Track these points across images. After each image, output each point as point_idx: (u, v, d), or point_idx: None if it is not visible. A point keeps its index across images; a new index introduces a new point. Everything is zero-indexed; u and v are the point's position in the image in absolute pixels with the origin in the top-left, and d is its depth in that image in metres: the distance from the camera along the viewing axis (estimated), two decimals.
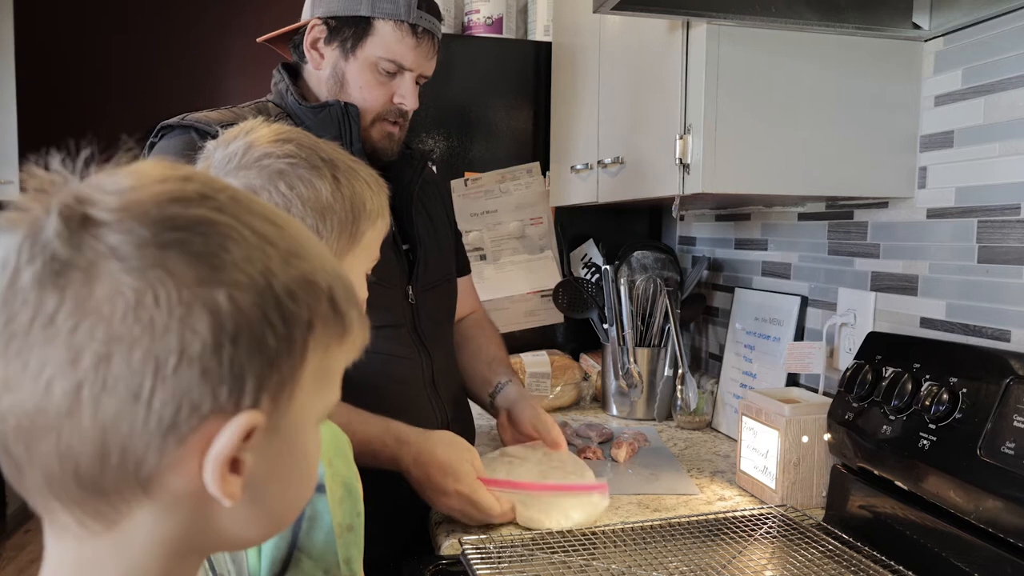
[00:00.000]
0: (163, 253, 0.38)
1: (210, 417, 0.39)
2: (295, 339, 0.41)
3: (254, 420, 0.40)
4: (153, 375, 0.37)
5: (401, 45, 1.19)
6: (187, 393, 0.38)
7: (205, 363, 0.38)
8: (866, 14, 1.15)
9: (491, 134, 1.99)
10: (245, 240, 0.40)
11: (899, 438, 1.02)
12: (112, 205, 0.38)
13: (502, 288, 1.96)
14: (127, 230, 0.38)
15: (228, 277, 0.39)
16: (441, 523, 1.14)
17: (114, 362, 0.37)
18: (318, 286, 0.43)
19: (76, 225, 0.38)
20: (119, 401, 0.37)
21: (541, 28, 2.03)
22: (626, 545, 1.05)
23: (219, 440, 0.39)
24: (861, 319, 1.32)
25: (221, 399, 0.39)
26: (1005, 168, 1.06)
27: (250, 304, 0.39)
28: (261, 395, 0.40)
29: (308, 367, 0.43)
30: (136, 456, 0.38)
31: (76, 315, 0.37)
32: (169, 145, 1.10)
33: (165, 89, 4.17)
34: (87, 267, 0.37)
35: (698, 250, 1.95)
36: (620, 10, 1.12)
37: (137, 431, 0.38)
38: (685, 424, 1.66)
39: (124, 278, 0.37)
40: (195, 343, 0.38)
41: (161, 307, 0.37)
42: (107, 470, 0.39)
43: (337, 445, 0.80)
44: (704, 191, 1.16)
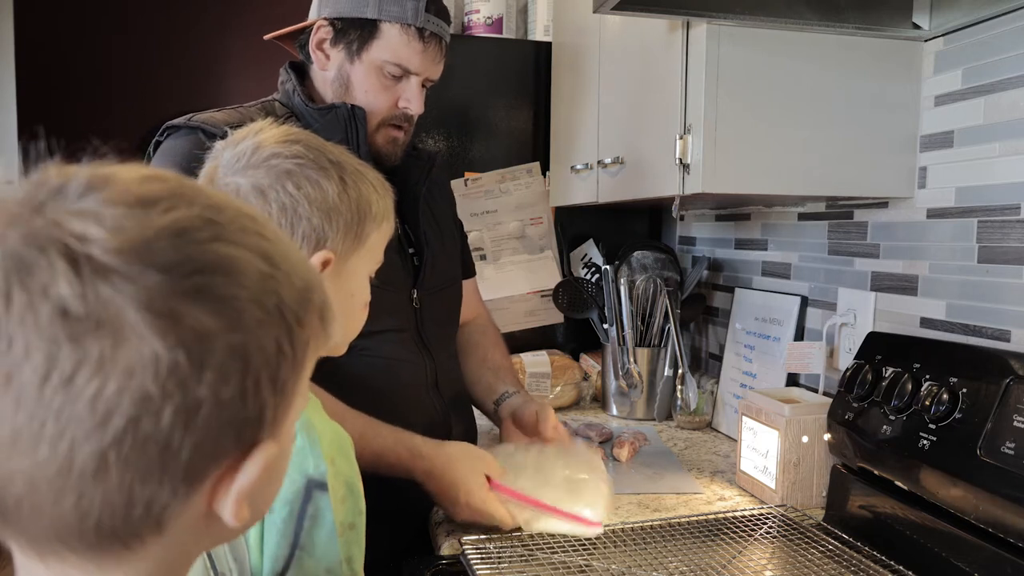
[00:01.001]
0: (184, 303, 0.36)
1: (232, 454, 0.39)
2: (299, 361, 0.41)
3: (271, 451, 0.40)
4: (183, 429, 0.36)
5: (407, 49, 1.18)
6: (215, 440, 0.38)
7: (234, 409, 0.38)
8: (866, 14, 1.15)
9: (491, 134, 1.99)
10: (257, 271, 0.39)
11: (899, 438, 1.02)
12: (113, 245, 0.35)
13: (502, 288, 1.96)
14: (137, 276, 0.35)
15: (250, 318, 0.38)
16: (441, 523, 1.14)
17: (144, 422, 0.35)
18: (313, 304, 0.43)
19: (87, 272, 0.34)
20: (149, 459, 0.36)
21: (541, 28, 2.03)
22: (626, 545, 1.05)
23: (241, 478, 0.39)
24: (861, 319, 1.32)
25: (245, 438, 0.39)
26: (1005, 168, 1.06)
27: (271, 341, 0.39)
28: (275, 424, 0.41)
29: (302, 380, 0.43)
30: (160, 504, 0.38)
31: (100, 376, 0.34)
32: (176, 146, 1.10)
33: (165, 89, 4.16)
34: (111, 321, 0.34)
35: (698, 250, 1.95)
36: (620, 10, 1.12)
37: (165, 483, 0.37)
38: (685, 424, 1.66)
39: (152, 335, 0.35)
40: (226, 392, 0.37)
41: (194, 362, 0.36)
42: (131, 520, 0.38)
43: (339, 444, 0.80)
44: (704, 191, 1.16)
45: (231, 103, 1.24)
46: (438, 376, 1.26)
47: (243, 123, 1.10)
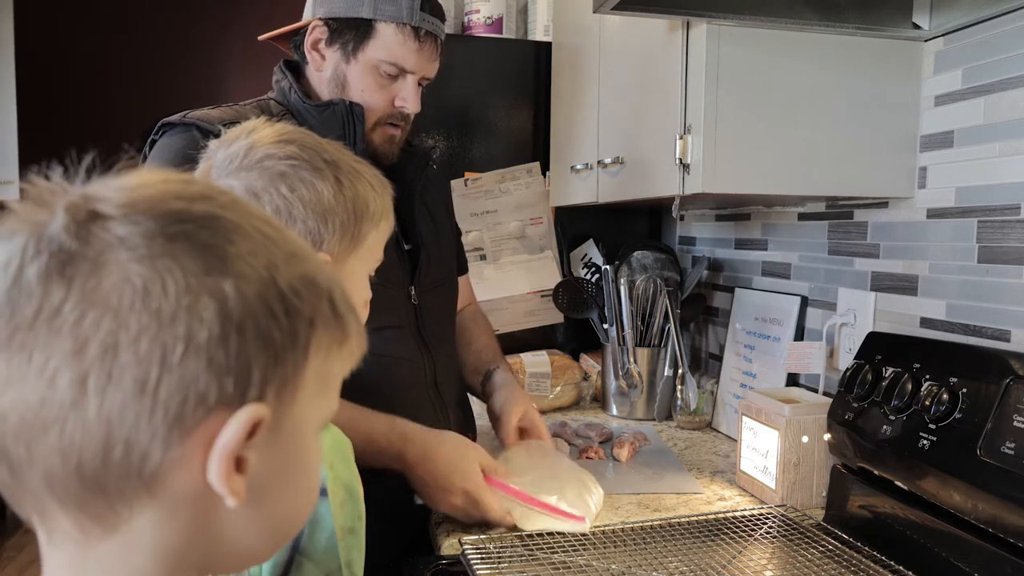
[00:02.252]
0: (171, 244, 0.38)
1: (215, 409, 0.39)
2: (299, 335, 0.41)
3: (259, 413, 0.40)
4: (160, 365, 0.37)
5: (403, 48, 1.19)
6: (193, 383, 0.38)
7: (211, 353, 0.38)
8: (866, 14, 1.15)
9: (491, 134, 1.99)
10: (249, 236, 0.41)
11: (899, 438, 1.02)
12: (118, 200, 0.39)
13: (502, 288, 1.96)
14: (134, 222, 0.38)
15: (234, 268, 0.39)
16: (441, 523, 1.14)
17: (121, 352, 0.37)
18: (320, 285, 0.43)
19: (84, 219, 0.38)
20: (125, 392, 0.37)
21: (541, 28, 2.03)
22: (626, 545, 1.05)
23: (225, 433, 0.39)
24: (861, 319, 1.32)
25: (227, 390, 0.39)
26: (1005, 168, 1.06)
27: (256, 295, 0.39)
28: (266, 389, 0.40)
29: (311, 367, 0.43)
30: (141, 450, 0.38)
31: (83, 305, 0.37)
32: (171, 143, 1.10)
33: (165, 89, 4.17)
34: (95, 257, 0.37)
35: (698, 250, 1.95)
36: (620, 10, 1.12)
37: (143, 423, 0.38)
38: (685, 424, 1.66)
39: (132, 266, 0.37)
40: (202, 332, 0.38)
41: (169, 296, 0.37)
42: (110, 466, 0.38)
43: (339, 448, 0.80)
44: (704, 191, 1.16)
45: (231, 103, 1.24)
46: (437, 375, 1.26)
47: (239, 121, 1.10)
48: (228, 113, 1.13)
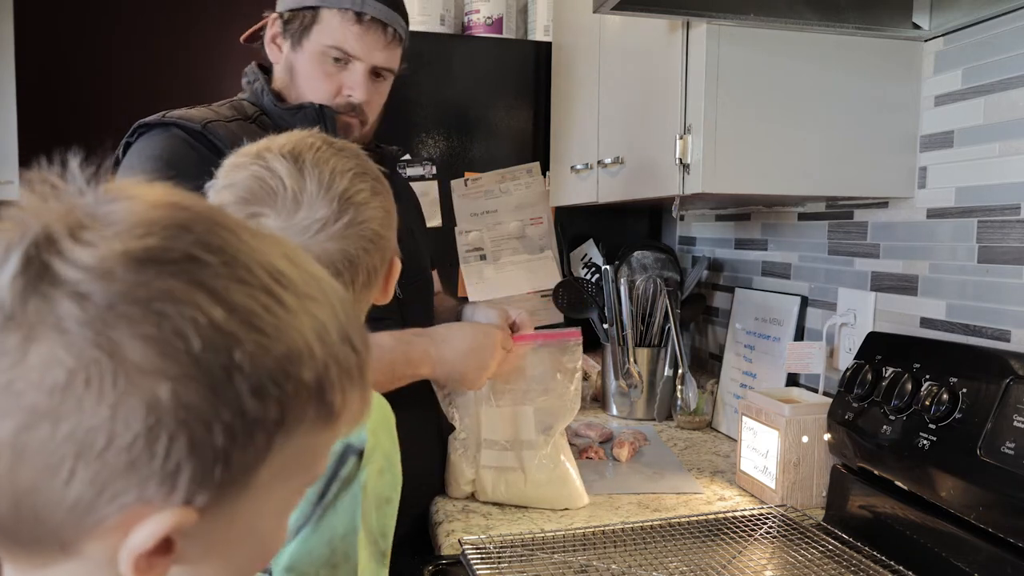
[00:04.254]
0: (109, 331, 0.34)
1: (133, 507, 0.35)
2: (254, 438, 0.37)
3: (183, 518, 0.36)
4: (74, 457, 0.34)
5: (345, 32, 1.17)
6: (110, 481, 0.35)
7: (134, 455, 0.34)
8: (866, 14, 1.15)
9: (491, 134, 1.99)
10: (212, 325, 0.36)
11: (899, 438, 1.02)
12: (80, 261, 0.35)
13: (502, 288, 1.96)
14: (84, 295, 0.34)
15: (177, 369, 0.35)
16: (441, 523, 1.14)
17: (36, 433, 0.34)
18: (299, 380, 0.38)
19: (33, 275, 0.34)
20: (36, 472, 0.34)
21: (541, 28, 2.03)
22: (626, 545, 1.05)
23: (137, 534, 0.36)
24: (861, 319, 1.32)
25: (148, 492, 0.35)
26: (1005, 168, 1.06)
27: (199, 401, 0.35)
28: (197, 492, 0.36)
29: (270, 464, 0.39)
30: (51, 525, 0.36)
31: (9, 374, 0.34)
32: (150, 144, 1.08)
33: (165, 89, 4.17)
34: (28, 328, 0.34)
35: (698, 250, 1.95)
36: (620, 10, 1.12)
37: (53, 505, 0.35)
38: (685, 424, 1.66)
39: (59, 352, 0.34)
40: (126, 434, 0.34)
41: (91, 391, 0.34)
42: (22, 528, 0.36)
43: (384, 418, 0.82)
44: (704, 191, 1.16)
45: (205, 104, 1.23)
46: None
47: (217, 120, 1.09)
48: (206, 113, 1.13)
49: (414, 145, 1.95)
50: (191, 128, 1.07)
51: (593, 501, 1.20)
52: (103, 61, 4.48)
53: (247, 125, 1.14)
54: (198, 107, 1.16)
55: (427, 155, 1.95)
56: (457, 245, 1.96)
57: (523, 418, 1.18)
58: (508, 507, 1.19)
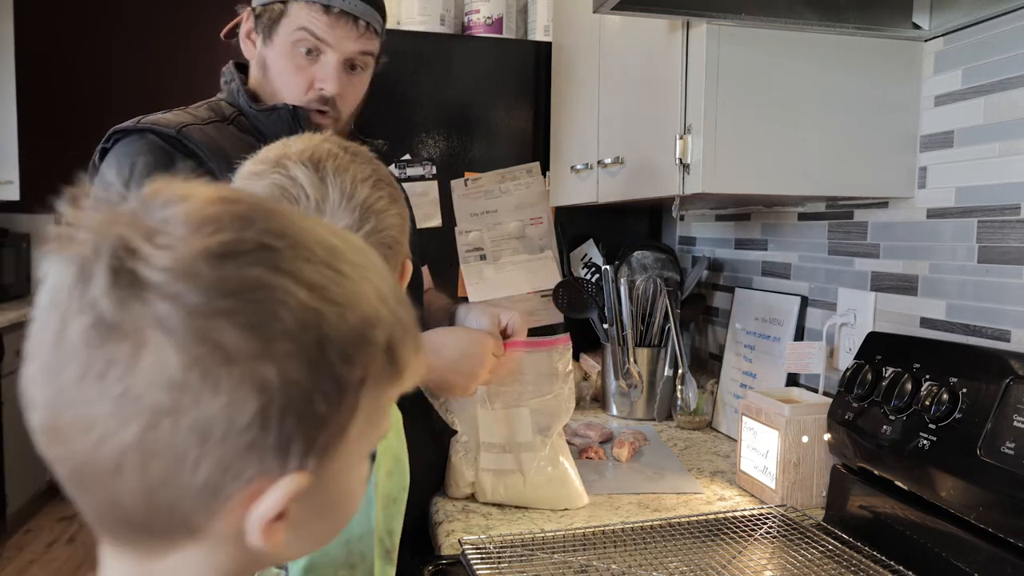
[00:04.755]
0: (213, 324, 0.37)
1: (255, 480, 0.39)
2: (346, 399, 0.41)
3: (299, 482, 0.40)
4: (199, 445, 0.37)
5: (313, 21, 1.14)
6: (234, 461, 0.38)
7: (252, 435, 0.38)
8: (866, 14, 1.15)
9: (491, 134, 1.99)
10: (300, 303, 0.38)
11: (899, 438, 1.02)
12: (162, 263, 0.37)
13: (502, 288, 1.96)
14: (176, 295, 0.37)
15: (279, 349, 0.38)
16: (441, 523, 1.14)
17: (160, 431, 0.37)
18: (374, 341, 0.42)
19: (124, 284, 0.37)
20: (165, 467, 0.37)
21: (541, 28, 2.03)
22: (626, 545, 1.05)
23: (264, 503, 0.40)
24: (861, 319, 1.32)
25: (267, 465, 0.39)
26: (1005, 168, 1.06)
27: (301, 376, 0.38)
28: (308, 457, 0.40)
29: (358, 419, 0.42)
30: (183, 512, 0.39)
31: (125, 381, 0.36)
32: (126, 151, 1.07)
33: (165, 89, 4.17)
34: (134, 334, 0.36)
35: (698, 250, 1.95)
36: (620, 10, 1.12)
37: (183, 493, 0.38)
38: (685, 424, 1.66)
39: (171, 352, 0.36)
40: (242, 417, 0.37)
41: (207, 383, 0.37)
42: (155, 520, 0.39)
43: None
44: (704, 191, 1.16)
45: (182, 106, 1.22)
46: None
47: (193, 124, 1.09)
48: (183, 117, 1.12)
49: (414, 145, 1.95)
50: (166, 134, 1.07)
51: (593, 501, 1.20)
52: (103, 61, 4.49)
53: (224, 127, 1.14)
54: (175, 110, 1.15)
55: (427, 155, 1.95)
56: (457, 245, 1.96)
57: (519, 420, 1.18)
58: (508, 507, 1.19)
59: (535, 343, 1.20)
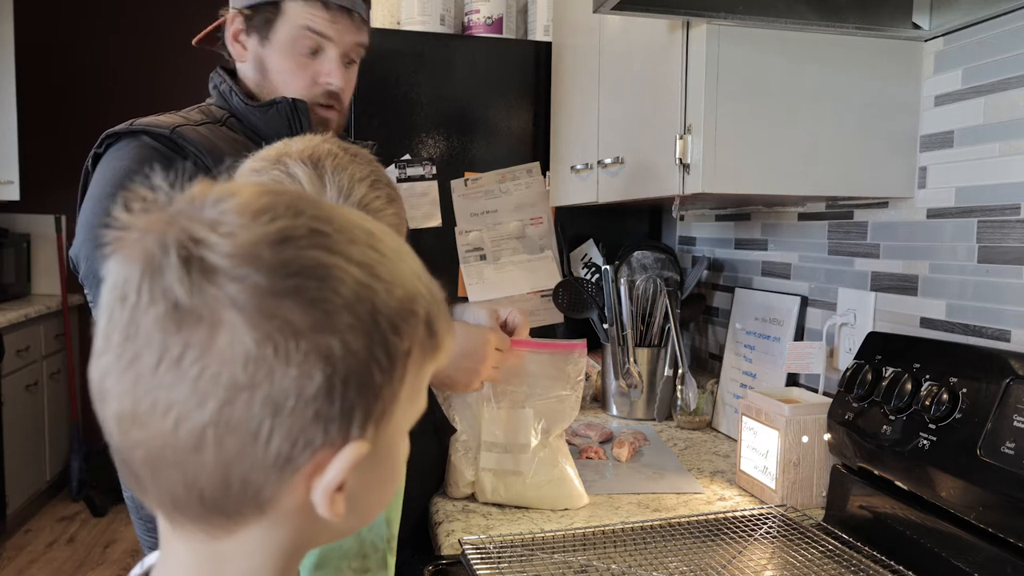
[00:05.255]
0: (280, 302, 0.40)
1: (322, 449, 0.42)
2: (396, 369, 0.44)
3: (361, 450, 0.43)
4: (272, 417, 0.40)
5: (311, 19, 1.15)
6: (302, 431, 0.41)
7: (319, 404, 0.40)
8: (866, 14, 1.15)
9: (491, 134, 1.99)
10: (354, 279, 0.42)
11: (899, 438, 1.02)
12: (226, 249, 0.40)
13: (502, 288, 1.96)
14: (243, 277, 0.39)
15: (341, 322, 0.41)
16: (441, 523, 1.14)
17: (237, 406, 0.39)
18: (417, 314, 0.45)
19: (196, 271, 0.39)
20: (241, 441, 0.40)
21: (541, 28, 2.03)
22: (626, 545, 1.05)
23: (330, 471, 0.42)
24: (861, 319, 1.32)
25: (332, 434, 0.41)
26: (1005, 168, 1.06)
27: (360, 346, 0.41)
28: (367, 425, 0.43)
29: (405, 388, 0.45)
30: (255, 486, 0.42)
31: (201, 362, 0.39)
32: (120, 154, 1.07)
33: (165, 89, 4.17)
34: (209, 315, 0.39)
35: (698, 250, 1.95)
36: (620, 10, 1.12)
37: (257, 466, 0.41)
38: (685, 424, 1.66)
39: (244, 329, 0.39)
40: (310, 387, 0.40)
41: (280, 356, 0.39)
42: (229, 497, 0.42)
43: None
44: (704, 191, 1.16)
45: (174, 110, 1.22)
46: None
47: (186, 125, 1.09)
48: (176, 119, 1.11)
49: (414, 145, 1.95)
50: (160, 134, 1.06)
51: (593, 501, 1.20)
52: (103, 61, 4.49)
53: (217, 128, 1.14)
54: (167, 113, 1.15)
55: (427, 155, 1.95)
56: (457, 245, 1.96)
57: (521, 420, 1.18)
58: (508, 507, 1.19)
59: (550, 345, 1.19)
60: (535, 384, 1.18)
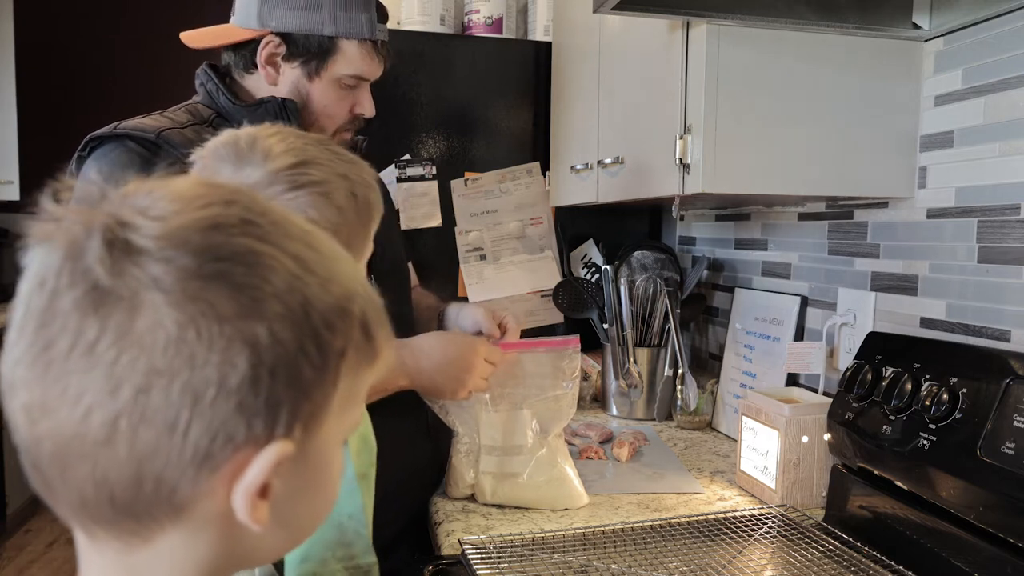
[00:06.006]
0: (206, 285, 0.38)
1: (243, 447, 0.39)
2: (329, 368, 0.42)
3: (285, 449, 0.40)
4: (191, 407, 0.38)
5: (365, 62, 1.21)
6: (223, 425, 0.38)
7: (242, 396, 0.38)
8: (866, 14, 1.15)
9: (491, 134, 1.99)
10: (286, 269, 0.40)
11: (899, 438, 1.02)
12: (154, 232, 0.38)
13: (502, 288, 1.96)
14: (169, 259, 0.38)
15: (269, 310, 0.39)
16: (441, 523, 1.14)
17: (153, 394, 0.37)
18: (352, 313, 0.43)
19: (119, 252, 0.37)
20: (156, 433, 0.38)
21: (541, 28, 2.03)
22: (626, 545, 1.05)
23: (251, 470, 0.40)
24: (861, 319, 1.32)
25: (256, 430, 0.39)
26: (1005, 168, 1.06)
27: (289, 337, 0.39)
28: (294, 425, 0.41)
29: (339, 393, 0.43)
30: (170, 485, 0.39)
31: (118, 346, 0.37)
32: (104, 158, 1.06)
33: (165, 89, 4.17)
34: (130, 296, 0.37)
35: (698, 250, 1.95)
36: (620, 10, 1.12)
37: (172, 462, 0.38)
38: (685, 424, 1.66)
39: (167, 311, 0.37)
40: (234, 376, 0.38)
41: (202, 341, 0.37)
42: (141, 497, 0.39)
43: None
44: (704, 191, 1.16)
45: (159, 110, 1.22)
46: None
47: (172, 128, 1.08)
48: (161, 122, 1.11)
49: (414, 145, 1.95)
50: (145, 139, 1.06)
51: (593, 501, 1.20)
52: (103, 61, 4.49)
53: (203, 129, 1.14)
54: (152, 115, 1.14)
55: (427, 155, 1.95)
56: (457, 245, 1.96)
57: (519, 421, 1.18)
58: (508, 507, 1.19)
59: (544, 343, 1.19)
60: (531, 384, 1.18)
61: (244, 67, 1.22)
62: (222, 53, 1.25)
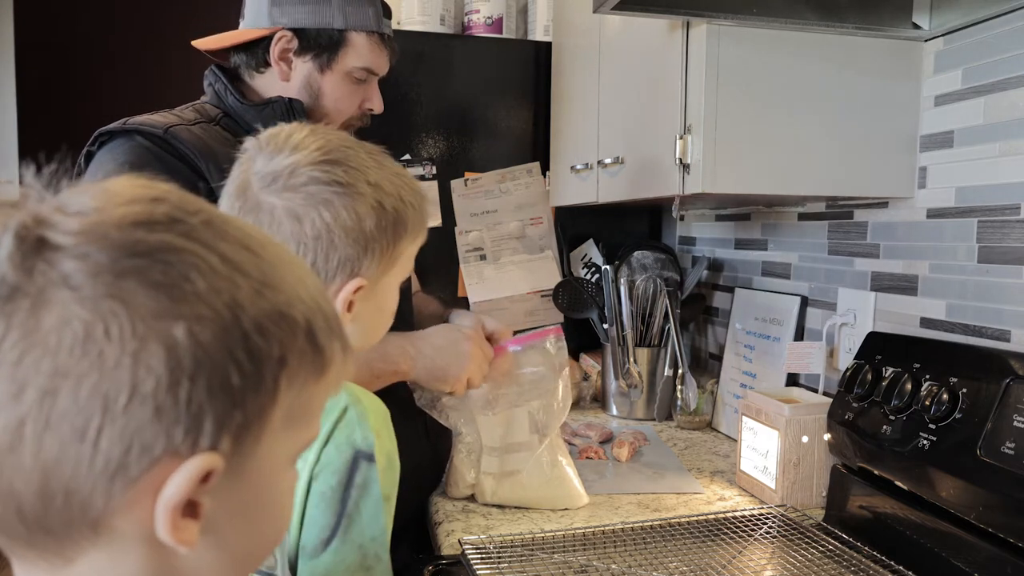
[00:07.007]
0: (119, 282, 0.35)
1: (163, 459, 0.36)
2: (264, 377, 0.39)
3: (211, 463, 0.37)
4: (101, 413, 0.35)
5: (374, 54, 1.23)
6: (138, 433, 0.35)
7: (159, 401, 0.35)
8: (866, 14, 1.15)
9: (491, 134, 1.99)
10: (212, 269, 0.37)
11: (899, 438, 1.02)
12: (71, 228, 0.36)
13: (502, 288, 1.96)
14: (83, 255, 0.35)
15: (189, 310, 0.36)
16: (441, 523, 1.14)
17: (60, 398, 0.34)
18: (293, 320, 0.40)
19: (29, 248, 0.35)
20: (63, 440, 0.35)
21: (541, 28, 2.03)
22: (626, 545, 1.05)
23: (170, 485, 0.37)
24: (861, 319, 1.32)
25: (176, 440, 0.36)
26: (1005, 168, 1.06)
27: (212, 339, 0.36)
28: (221, 436, 0.37)
29: (280, 405, 0.40)
30: (81, 498, 0.36)
31: (21, 345, 0.34)
32: (113, 153, 1.07)
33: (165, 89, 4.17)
34: (36, 294, 0.35)
35: (698, 250, 1.95)
36: (620, 10, 1.12)
37: (82, 472, 0.35)
38: (685, 424, 1.66)
39: (74, 308, 0.35)
40: (148, 380, 0.35)
41: (112, 340, 0.35)
42: (51, 511, 0.36)
43: (384, 417, 0.83)
44: (704, 191, 1.16)
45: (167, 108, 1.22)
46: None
47: (180, 124, 1.09)
48: (169, 118, 1.12)
49: (414, 145, 1.95)
50: (153, 134, 1.06)
51: (593, 501, 1.20)
52: (103, 61, 4.48)
53: (210, 127, 1.14)
54: (160, 112, 1.15)
55: (427, 155, 1.95)
56: (457, 245, 1.96)
57: (516, 421, 1.18)
58: (508, 507, 1.19)
59: (525, 338, 1.20)
60: (523, 382, 1.18)
61: (255, 66, 1.23)
62: (231, 55, 1.25)
